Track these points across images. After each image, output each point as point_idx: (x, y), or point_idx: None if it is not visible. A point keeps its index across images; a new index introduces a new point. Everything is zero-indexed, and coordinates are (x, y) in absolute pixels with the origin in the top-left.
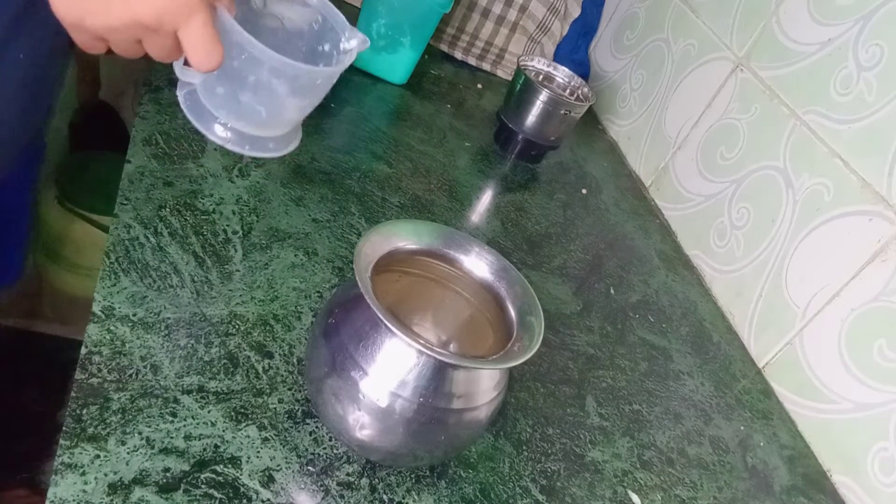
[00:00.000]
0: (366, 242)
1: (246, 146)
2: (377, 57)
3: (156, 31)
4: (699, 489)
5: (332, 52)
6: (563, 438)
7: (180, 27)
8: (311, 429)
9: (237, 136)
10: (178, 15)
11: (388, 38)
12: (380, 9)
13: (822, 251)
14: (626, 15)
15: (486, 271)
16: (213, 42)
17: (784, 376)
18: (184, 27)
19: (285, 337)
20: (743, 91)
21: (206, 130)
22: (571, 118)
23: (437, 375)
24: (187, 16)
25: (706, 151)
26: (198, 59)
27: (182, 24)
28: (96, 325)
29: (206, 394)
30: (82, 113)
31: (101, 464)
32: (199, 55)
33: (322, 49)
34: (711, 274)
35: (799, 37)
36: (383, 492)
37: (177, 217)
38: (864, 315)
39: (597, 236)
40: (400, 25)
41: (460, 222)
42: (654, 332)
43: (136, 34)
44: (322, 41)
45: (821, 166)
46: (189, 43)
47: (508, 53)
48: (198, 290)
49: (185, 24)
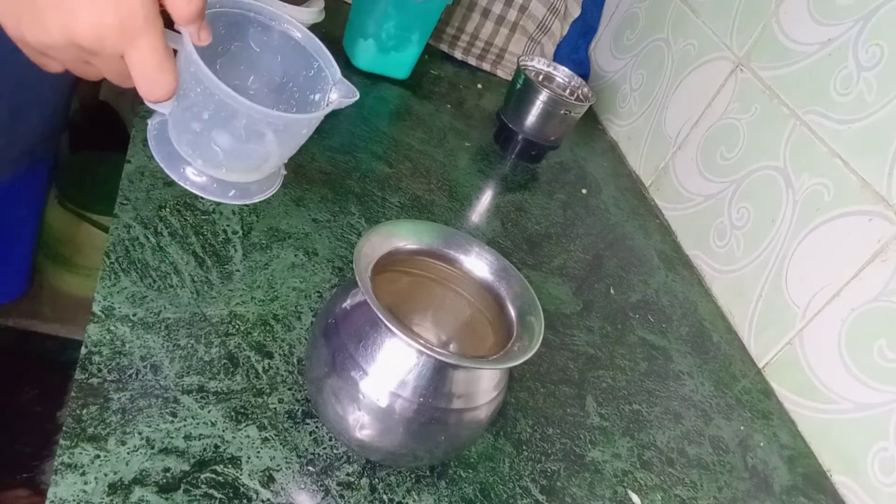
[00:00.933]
0: (366, 242)
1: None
2: (386, 58)
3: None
4: (699, 489)
5: (321, 101)
6: (563, 438)
7: (125, 51)
8: (311, 429)
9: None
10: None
11: (398, 38)
12: (390, 11)
13: (822, 251)
14: (626, 15)
15: (486, 271)
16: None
17: (784, 376)
18: (128, 51)
19: (285, 337)
20: (743, 91)
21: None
22: (571, 118)
23: (437, 375)
24: (130, 39)
25: (706, 151)
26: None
27: (126, 48)
28: (96, 325)
29: (206, 394)
30: (82, 113)
31: (101, 464)
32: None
33: (313, 98)
34: (711, 274)
35: (799, 37)
36: (383, 492)
37: (177, 217)
38: (864, 315)
39: (597, 236)
40: (409, 24)
41: (460, 222)
42: (654, 332)
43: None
44: (314, 90)
45: (821, 166)
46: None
47: (508, 53)
48: (198, 290)
49: (130, 48)
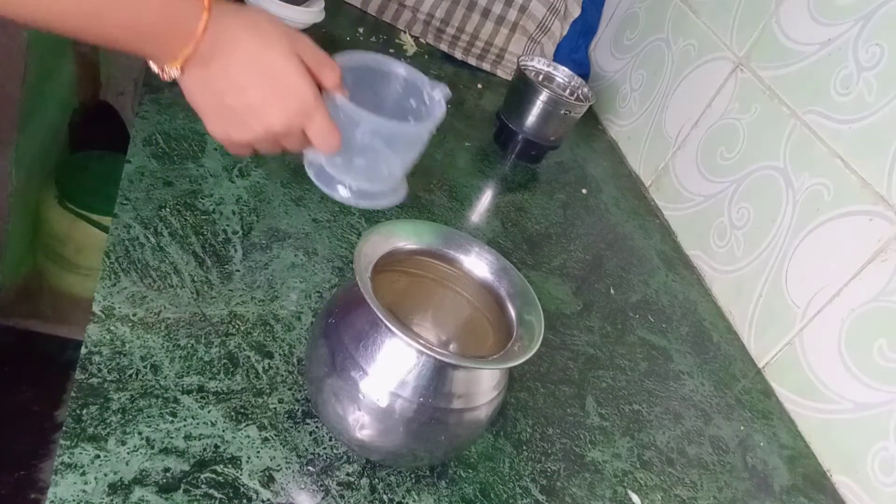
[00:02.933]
0: (366, 242)
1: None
2: None
3: (288, 135)
4: (699, 489)
5: (419, 105)
6: (563, 438)
7: (305, 126)
8: (311, 429)
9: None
10: (302, 119)
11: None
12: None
13: (822, 251)
14: (626, 15)
15: (486, 271)
16: (332, 132)
17: (784, 376)
18: (308, 126)
19: (285, 337)
20: (743, 91)
21: (331, 192)
22: (571, 118)
23: (437, 375)
24: (309, 117)
25: (706, 151)
26: (323, 147)
27: (306, 124)
28: (96, 325)
29: (206, 394)
30: (82, 113)
31: (101, 464)
32: (323, 145)
33: (410, 104)
34: (711, 274)
35: (799, 37)
36: (383, 492)
37: (177, 217)
38: (865, 315)
39: (597, 236)
40: None
41: (460, 222)
42: (654, 332)
43: (273, 140)
44: (408, 97)
45: (821, 166)
46: (314, 137)
47: (508, 53)
48: (198, 290)
49: (309, 123)
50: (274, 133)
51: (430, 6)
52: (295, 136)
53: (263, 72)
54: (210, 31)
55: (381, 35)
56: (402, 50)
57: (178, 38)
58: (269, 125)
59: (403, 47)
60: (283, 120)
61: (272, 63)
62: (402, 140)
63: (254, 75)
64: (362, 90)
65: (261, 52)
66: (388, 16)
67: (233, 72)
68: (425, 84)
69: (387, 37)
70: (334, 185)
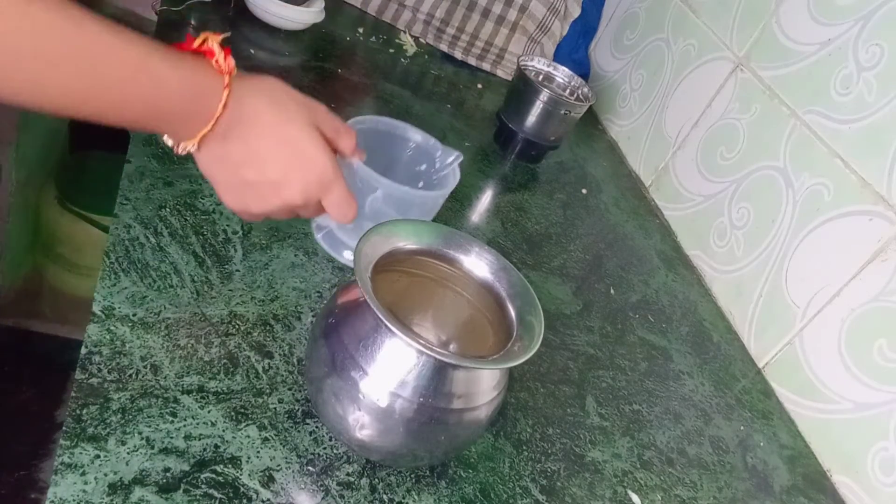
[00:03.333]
0: (366, 242)
1: None
2: None
3: (306, 206)
4: (699, 489)
5: (429, 170)
6: (563, 438)
7: (323, 197)
8: (311, 429)
9: None
10: (319, 191)
11: None
12: None
13: (822, 251)
14: (626, 15)
15: (486, 271)
16: (349, 202)
17: (784, 376)
18: (325, 197)
19: (285, 337)
20: (743, 91)
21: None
22: (571, 118)
23: (437, 375)
24: (327, 188)
25: (706, 151)
26: (340, 218)
27: (324, 195)
28: (96, 325)
29: (206, 394)
30: None
31: (101, 464)
32: (340, 215)
33: (419, 169)
34: (711, 274)
35: (799, 37)
36: (383, 492)
37: (177, 217)
38: (865, 315)
39: (597, 236)
40: None
41: (460, 222)
42: (654, 332)
43: (290, 211)
44: (419, 162)
45: (821, 166)
46: (331, 208)
47: (508, 53)
48: (198, 290)
49: (327, 194)
50: (292, 205)
51: (430, 6)
52: (311, 207)
53: (282, 145)
54: (229, 108)
55: (381, 35)
56: (402, 50)
57: (197, 117)
58: (288, 198)
59: (403, 47)
60: (300, 193)
61: (290, 136)
62: (415, 207)
63: (273, 149)
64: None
65: (279, 126)
66: (388, 16)
67: (252, 146)
68: (437, 148)
69: (387, 37)
70: (341, 248)
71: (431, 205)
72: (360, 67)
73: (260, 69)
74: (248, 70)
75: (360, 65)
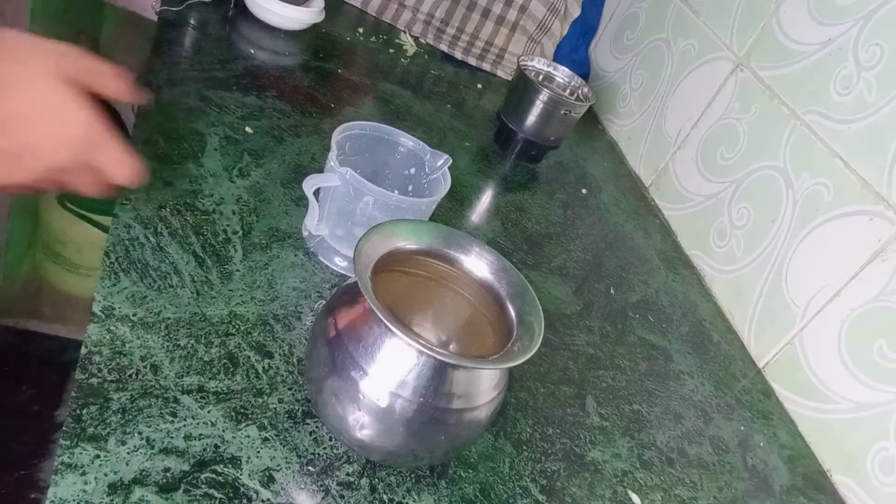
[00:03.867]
0: (366, 242)
1: None
2: None
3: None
4: (699, 489)
5: (419, 173)
6: (563, 438)
7: (96, 158)
8: (311, 429)
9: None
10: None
11: None
12: None
13: (822, 251)
14: (626, 15)
15: (486, 271)
16: (128, 158)
17: (784, 376)
18: (98, 156)
19: (285, 337)
20: (743, 91)
21: (328, 262)
22: (571, 118)
23: (437, 375)
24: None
25: (706, 151)
26: (123, 178)
27: (96, 155)
28: (96, 325)
29: (206, 394)
30: None
31: (101, 464)
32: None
33: (409, 173)
34: (711, 274)
35: (799, 37)
36: (383, 492)
37: (177, 217)
38: (864, 315)
39: (597, 236)
40: None
41: (460, 222)
42: (654, 332)
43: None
44: (409, 165)
45: (821, 166)
46: (108, 167)
47: (508, 53)
48: (198, 290)
49: (98, 153)
50: (59, 170)
51: (430, 6)
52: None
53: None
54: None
55: (381, 35)
56: (402, 50)
57: None
58: (51, 163)
59: (403, 47)
60: (65, 156)
61: (39, 94)
62: (405, 213)
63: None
64: (361, 158)
65: (24, 84)
66: (388, 16)
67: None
68: (426, 152)
69: (387, 37)
70: (332, 256)
71: (425, 210)
72: (360, 67)
73: (260, 69)
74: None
75: (360, 65)
